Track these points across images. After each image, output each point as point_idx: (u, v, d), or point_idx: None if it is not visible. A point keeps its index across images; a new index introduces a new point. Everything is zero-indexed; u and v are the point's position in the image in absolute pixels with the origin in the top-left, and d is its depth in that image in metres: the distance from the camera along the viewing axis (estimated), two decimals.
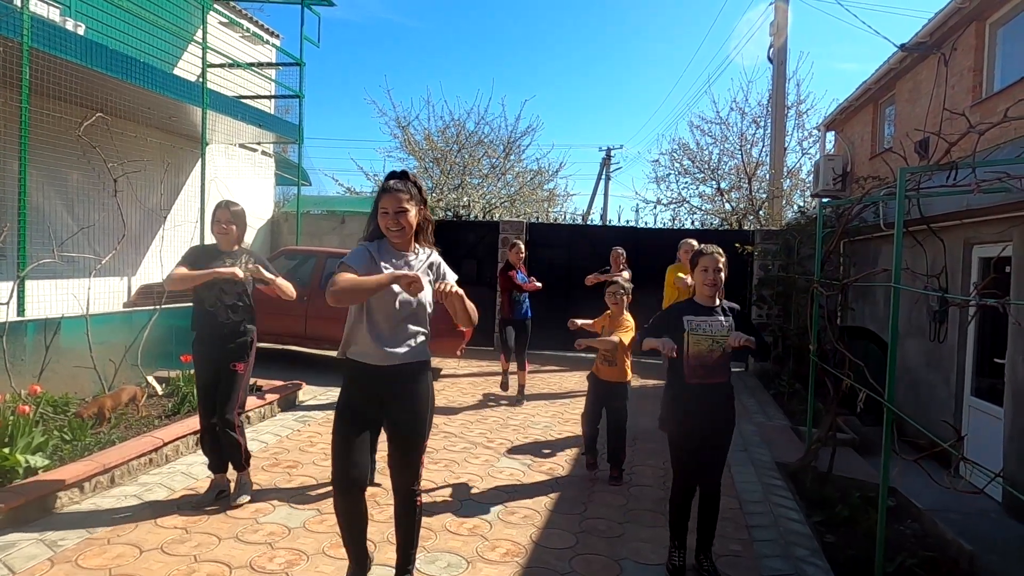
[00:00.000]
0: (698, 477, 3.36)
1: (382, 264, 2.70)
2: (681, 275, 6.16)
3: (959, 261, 5.96)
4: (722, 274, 3.34)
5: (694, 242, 4.85)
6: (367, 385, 2.75)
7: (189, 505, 3.84)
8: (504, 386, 7.27)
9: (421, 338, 2.80)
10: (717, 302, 3.38)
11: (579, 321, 4.84)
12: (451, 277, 2.81)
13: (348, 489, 2.72)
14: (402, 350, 2.73)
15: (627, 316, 4.79)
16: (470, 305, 2.75)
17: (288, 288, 3.99)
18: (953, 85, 7.45)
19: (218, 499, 3.89)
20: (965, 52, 7.27)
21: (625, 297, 4.77)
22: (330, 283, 2.58)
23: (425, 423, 2.82)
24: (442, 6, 73.15)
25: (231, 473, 4.01)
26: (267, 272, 3.91)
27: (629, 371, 4.78)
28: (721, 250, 3.40)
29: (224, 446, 3.90)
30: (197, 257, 3.88)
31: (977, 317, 5.70)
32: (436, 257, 2.87)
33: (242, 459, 3.94)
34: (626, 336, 4.60)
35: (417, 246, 2.82)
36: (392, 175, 2.75)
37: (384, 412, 2.79)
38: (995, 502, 5.03)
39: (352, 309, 2.76)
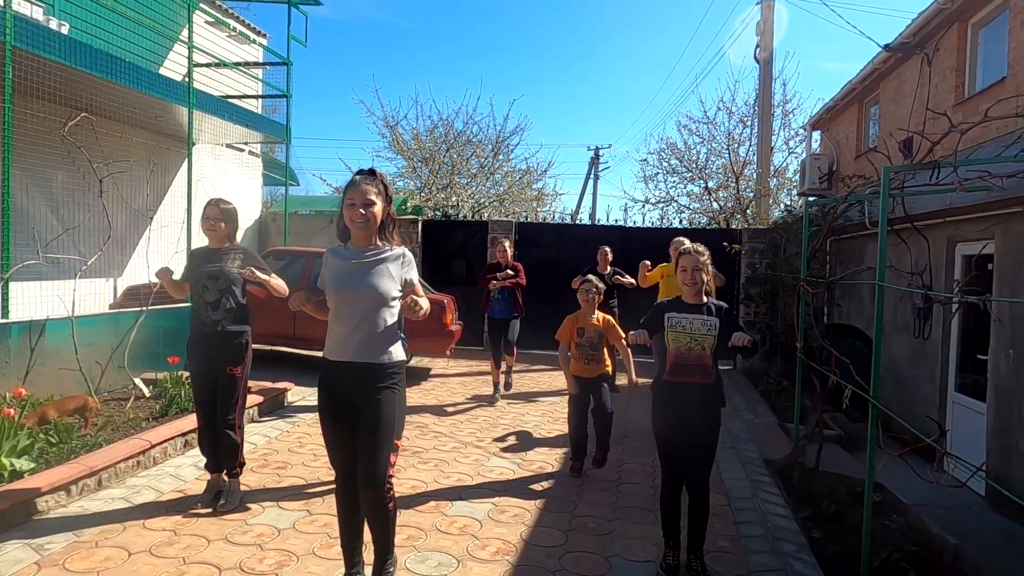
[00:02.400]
0: (682, 475, 3.37)
1: (339, 260, 2.77)
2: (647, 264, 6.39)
3: (942, 259, 6.04)
4: (702, 273, 3.34)
5: (685, 240, 4.89)
6: (330, 381, 2.78)
7: (185, 505, 3.83)
8: (494, 399, 7.17)
9: (385, 338, 2.74)
10: (704, 300, 3.40)
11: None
12: (414, 276, 2.84)
13: (337, 483, 2.82)
14: (358, 349, 2.71)
15: (604, 315, 4.91)
16: (423, 303, 2.79)
17: (282, 287, 3.92)
18: (936, 85, 7.53)
19: (215, 499, 3.88)
20: (948, 52, 7.36)
21: (597, 296, 4.84)
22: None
23: (387, 427, 2.71)
24: (430, 5, 73.01)
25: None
26: (260, 273, 3.82)
27: (610, 364, 4.93)
28: (703, 249, 3.41)
29: (222, 447, 3.89)
30: (190, 260, 3.89)
31: (960, 314, 5.78)
32: (409, 256, 2.87)
33: (236, 464, 3.92)
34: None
35: (383, 243, 2.80)
36: (360, 172, 2.79)
37: (355, 411, 2.77)
38: (978, 496, 5.10)
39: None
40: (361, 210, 2.68)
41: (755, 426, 6.66)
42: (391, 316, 2.76)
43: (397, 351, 2.79)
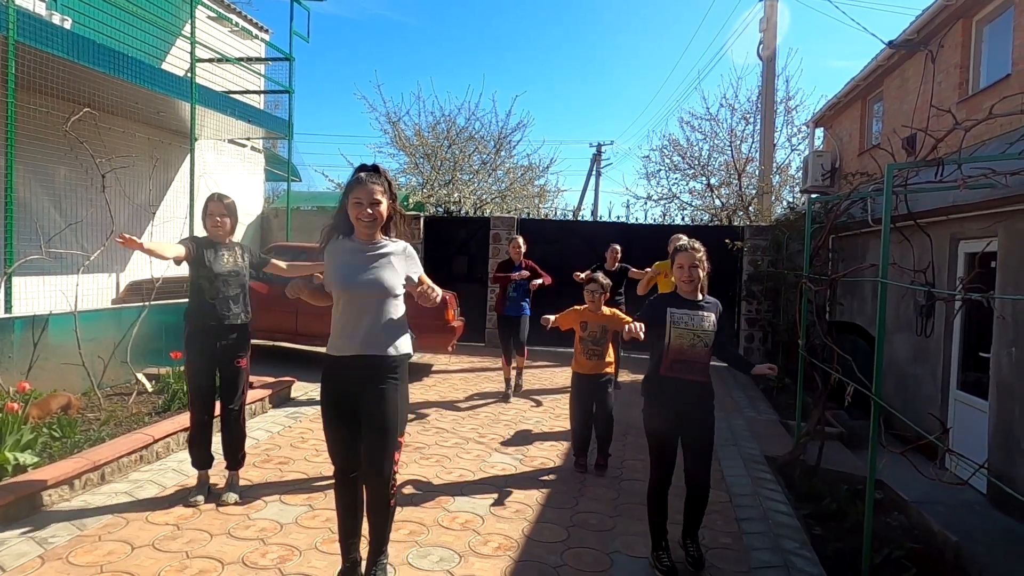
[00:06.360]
0: (670, 471, 3.36)
1: (345, 255, 2.80)
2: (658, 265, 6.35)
3: (945, 256, 6.03)
4: (699, 270, 3.33)
5: (683, 237, 4.86)
6: (335, 376, 2.80)
7: (180, 500, 3.84)
8: (507, 395, 7.18)
9: (390, 331, 2.78)
10: (700, 296, 3.39)
11: (551, 318, 4.87)
12: (419, 271, 2.91)
13: (337, 477, 2.84)
14: (364, 342, 2.73)
15: (609, 308, 4.87)
16: (437, 289, 2.85)
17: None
18: (940, 82, 7.51)
19: (207, 495, 3.89)
20: (952, 49, 7.33)
21: (603, 295, 4.82)
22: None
23: (393, 421, 2.73)
24: (433, 1, 72.93)
25: (218, 471, 4.02)
26: (281, 263, 4.12)
27: (613, 362, 4.90)
28: (699, 245, 3.40)
29: (232, 439, 3.96)
30: (199, 246, 3.85)
31: (963, 312, 5.77)
32: (411, 251, 2.92)
33: (239, 454, 3.99)
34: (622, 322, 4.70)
35: (386, 237, 2.85)
36: (363, 167, 2.79)
37: (358, 405, 2.78)
38: (980, 494, 5.10)
39: None
40: (368, 209, 2.72)
41: (756, 423, 6.66)
42: (396, 310, 2.80)
43: (402, 344, 2.82)
